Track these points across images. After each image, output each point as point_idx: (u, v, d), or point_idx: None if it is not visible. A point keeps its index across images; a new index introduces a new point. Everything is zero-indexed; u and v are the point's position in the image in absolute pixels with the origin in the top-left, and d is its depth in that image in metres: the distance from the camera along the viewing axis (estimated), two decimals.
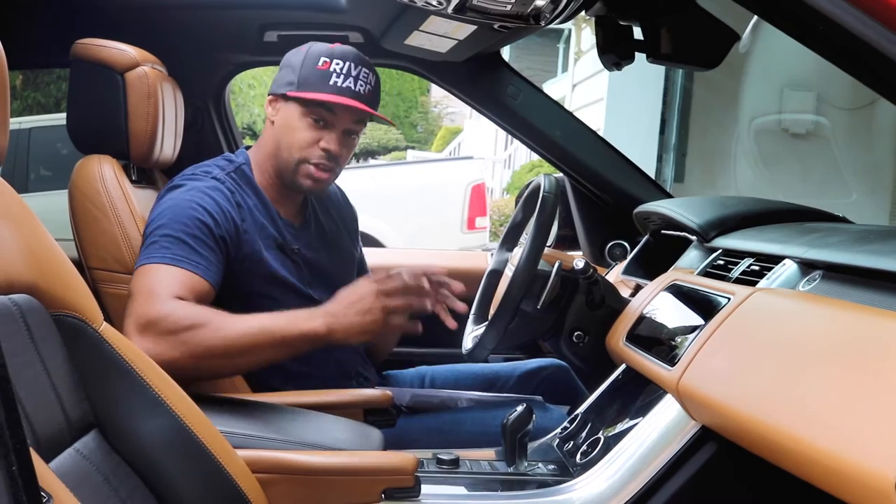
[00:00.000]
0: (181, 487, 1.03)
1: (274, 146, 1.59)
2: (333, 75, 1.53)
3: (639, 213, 1.87)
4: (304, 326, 1.34)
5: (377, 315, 1.34)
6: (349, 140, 1.59)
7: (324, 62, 1.54)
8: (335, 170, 1.60)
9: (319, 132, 1.55)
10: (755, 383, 1.01)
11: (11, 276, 0.87)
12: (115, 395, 1.00)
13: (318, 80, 1.53)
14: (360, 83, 1.55)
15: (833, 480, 0.83)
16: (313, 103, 1.54)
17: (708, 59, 1.33)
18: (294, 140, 1.56)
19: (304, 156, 1.56)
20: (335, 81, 1.53)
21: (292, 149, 1.56)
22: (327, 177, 1.58)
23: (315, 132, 1.55)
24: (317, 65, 1.54)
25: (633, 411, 1.34)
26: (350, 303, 1.35)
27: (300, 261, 1.60)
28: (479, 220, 6.46)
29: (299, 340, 1.35)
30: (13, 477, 0.55)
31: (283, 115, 1.57)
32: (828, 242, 1.19)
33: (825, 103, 5.16)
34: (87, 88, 1.64)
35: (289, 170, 1.57)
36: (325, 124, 1.55)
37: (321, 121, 1.55)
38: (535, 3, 1.45)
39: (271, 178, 1.61)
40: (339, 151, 1.57)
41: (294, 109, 1.56)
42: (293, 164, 1.57)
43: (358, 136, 1.61)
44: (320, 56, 1.55)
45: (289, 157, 1.57)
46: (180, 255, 1.41)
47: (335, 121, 1.56)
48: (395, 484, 1.21)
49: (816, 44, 1.00)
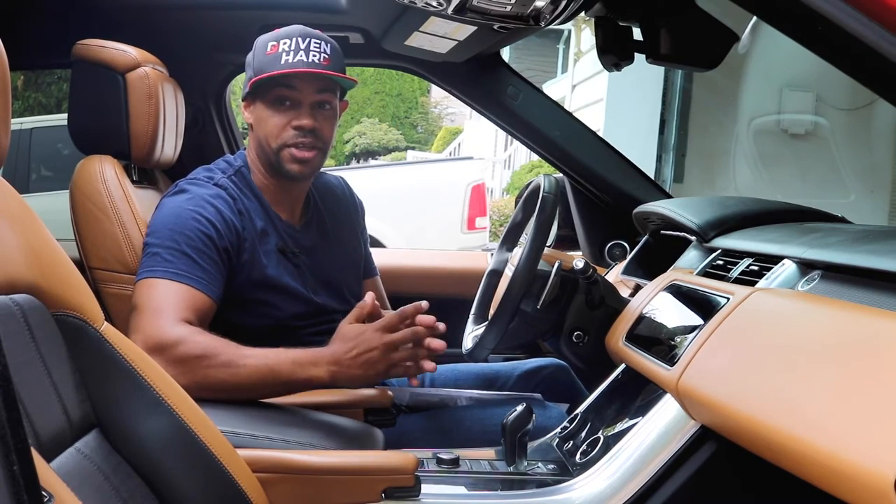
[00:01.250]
0: (182, 487, 1.03)
1: (257, 145, 1.59)
2: (283, 55, 1.52)
3: (638, 214, 1.87)
4: (309, 373, 1.34)
5: (381, 368, 1.33)
6: (322, 112, 1.56)
7: (272, 46, 1.53)
8: (317, 145, 1.56)
9: (287, 113, 1.54)
10: (754, 383, 1.02)
11: (13, 275, 0.87)
12: (117, 395, 1.00)
13: (269, 63, 1.53)
14: (312, 54, 1.53)
15: (832, 480, 0.83)
16: (270, 84, 1.53)
17: (707, 59, 1.33)
18: (268, 130, 1.55)
19: (281, 141, 1.55)
20: (286, 60, 1.52)
21: (269, 139, 1.55)
22: (311, 154, 1.56)
23: (283, 114, 1.54)
24: (266, 51, 1.54)
25: (632, 411, 1.34)
26: (357, 353, 1.33)
27: (302, 264, 1.60)
28: (479, 220, 6.46)
29: (303, 385, 1.37)
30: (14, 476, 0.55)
31: (254, 113, 1.57)
32: (827, 242, 1.20)
33: (824, 104, 5.17)
34: (89, 89, 1.64)
35: (274, 161, 1.57)
36: (291, 104, 1.54)
37: (286, 100, 1.54)
38: (534, 4, 1.46)
39: (267, 179, 1.60)
40: (311, 124, 1.54)
41: (260, 104, 1.56)
42: (275, 154, 1.56)
43: (332, 106, 1.58)
44: (267, 42, 1.54)
45: (270, 149, 1.56)
46: (183, 269, 1.42)
47: (299, 97, 1.54)
48: (395, 483, 1.21)
49: (815, 45, 1.00)
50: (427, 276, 2.29)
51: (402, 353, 1.34)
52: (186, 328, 1.37)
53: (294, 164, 1.56)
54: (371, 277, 1.81)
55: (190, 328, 1.37)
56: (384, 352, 1.33)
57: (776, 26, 1.04)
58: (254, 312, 1.53)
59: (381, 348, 1.32)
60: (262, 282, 1.53)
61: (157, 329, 1.35)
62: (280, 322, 1.55)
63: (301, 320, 1.58)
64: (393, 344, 1.33)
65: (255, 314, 1.53)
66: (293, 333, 1.57)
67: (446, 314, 1.88)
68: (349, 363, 1.33)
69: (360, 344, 1.33)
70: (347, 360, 1.33)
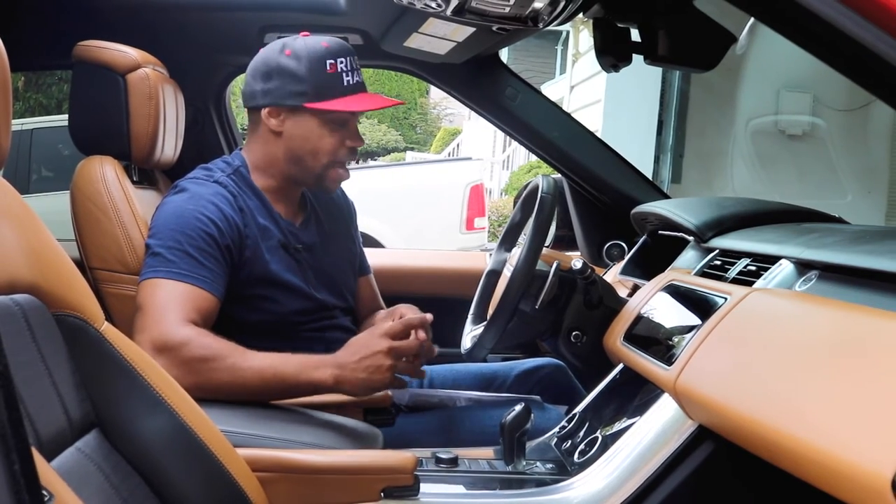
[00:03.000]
0: (182, 486, 1.03)
1: (288, 156, 1.56)
2: (344, 75, 1.52)
3: (636, 214, 1.88)
4: (312, 376, 1.35)
5: (385, 374, 1.35)
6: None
7: (331, 65, 1.52)
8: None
9: (341, 132, 1.56)
10: (752, 383, 1.02)
11: (13, 275, 0.87)
12: (117, 395, 1.00)
13: (333, 85, 1.51)
14: (359, 73, 1.56)
15: (830, 480, 0.84)
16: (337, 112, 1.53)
17: (705, 60, 1.33)
18: (320, 148, 1.55)
19: (334, 159, 1.56)
20: (347, 81, 1.53)
21: (319, 156, 1.55)
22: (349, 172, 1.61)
23: (338, 134, 1.55)
24: (325, 69, 1.51)
25: (630, 411, 1.34)
26: (361, 357, 1.35)
27: (303, 260, 1.61)
28: (477, 220, 6.46)
29: (307, 388, 1.37)
30: (15, 476, 0.55)
31: (294, 125, 1.54)
32: (824, 243, 1.20)
33: (821, 105, 5.18)
34: (89, 90, 1.64)
35: (314, 176, 1.58)
36: (342, 123, 1.56)
37: (342, 122, 1.55)
38: (533, 6, 1.46)
39: (276, 182, 1.60)
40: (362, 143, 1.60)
41: (310, 119, 1.53)
42: (320, 170, 1.57)
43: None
44: (324, 59, 1.52)
45: (316, 164, 1.56)
46: (186, 269, 1.42)
47: (352, 117, 1.56)
48: (394, 483, 1.21)
49: (812, 46, 1.00)
50: (426, 276, 2.30)
51: (405, 364, 1.37)
52: (192, 329, 1.37)
53: (337, 182, 1.60)
54: (365, 275, 1.81)
55: (196, 329, 1.38)
56: (388, 357, 1.34)
57: (773, 27, 1.04)
58: (255, 308, 1.54)
59: (385, 353, 1.34)
60: (264, 278, 1.53)
61: (162, 329, 1.36)
62: (281, 318, 1.56)
63: (302, 316, 1.58)
64: (398, 351, 1.35)
65: (257, 310, 1.54)
66: (293, 329, 1.57)
67: (445, 314, 1.89)
68: (354, 366, 1.34)
69: (365, 348, 1.35)
70: (352, 363, 1.35)
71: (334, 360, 1.36)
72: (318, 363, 1.37)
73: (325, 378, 1.35)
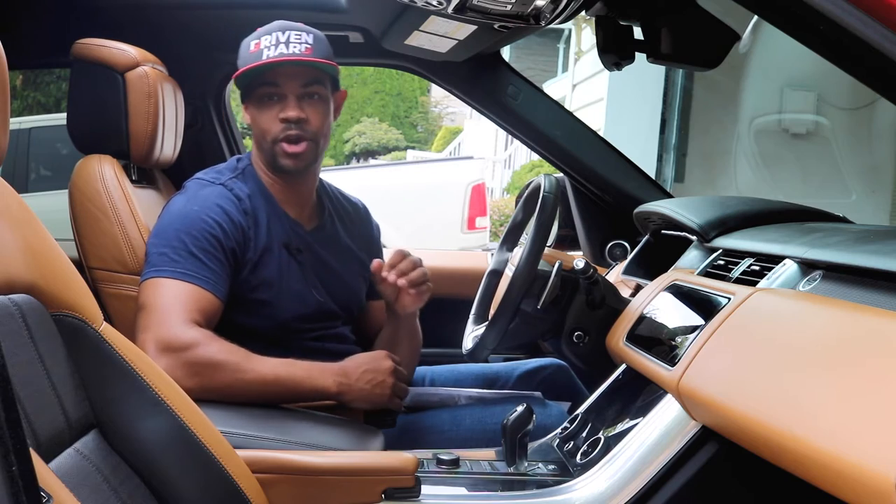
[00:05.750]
0: (181, 487, 1.03)
1: (257, 145, 1.60)
2: (265, 51, 1.52)
3: (639, 213, 1.87)
4: (316, 382, 1.40)
5: (386, 390, 1.44)
6: (311, 103, 1.55)
7: (254, 45, 1.54)
8: (305, 136, 1.54)
9: (274, 108, 1.54)
10: (755, 383, 1.01)
11: (11, 275, 0.87)
12: (116, 395, 1.00)
13: (251, 61, 1.53)
14: (292, 45, 1.52)
15: (833, 480, 0.83)
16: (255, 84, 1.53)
17: (708, 58, 1.33)
18: (261, 128, 1.55)
19: (272, 136, 1.54)
20: (266, 55, 1.52)
21: (264, 137, 1.56)
22: (301, 148, 1.54)
23: (271, 110, 1.54)
24: (249, 50, 1.54)
25: (633, 411, 1.34)
26: (365, 370, 1.43)
27: (306, 263, 1.60)
28: (479, 220, 6.46)
29: (310, 394, 1.41)
30: (13, 477, 0.55)
31: (249, 114, 1.58)
32: (828, 242, 1.19)
33: (825, 103, 5.17)
34: (88, 88, 1.64)
35: (270, 158, 1.57)
36: (277, 98, 1.54)
37: (272, 96, 1.54)
38: (535, 3, 1.45)
39: (272, 177, 1.60)
40: (297, 115, 1.53)
41: (250, 104, 1.56)
42: (270, 150, 1.56)
43: (321, 95, 1.56)
44: (250, 42, 1.55)
45: (265, 146, 1.56)
46: (191, 269, 1.42)
47: (283, 90, 1.53)
48: (395, 484, 1.22)
49: (817, 44, 1.00)
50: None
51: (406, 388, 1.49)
52: (199, 331, 1.38)
53: (287, 158, 1.55)
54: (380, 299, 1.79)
55: (203, 332, 1.38)
56: (390, 375, 1.44)
57: (777, 25, 1.03)
58: (257, 313, 1.53)
59: (388, 371, 1.44)
60: (264, 279, 1.53)
61: (168, 329, 1.36)
62: (282, 323, 1.55)
63: (303, 322, 1.58)
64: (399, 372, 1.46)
65: (258, 315, 1.53)
66: (295, 336, 1.57)
67: (446, 314, 1.89)
68: (357, 377, 1.42)
69: (369, 363, 1.44)
70: (356, 374, 1.42)
71: (339, 369, 1.42)
72: (323, 370, 1.41)
73: (329, 385, 1.39)
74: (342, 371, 1.41)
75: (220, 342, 1.38)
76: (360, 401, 1.43)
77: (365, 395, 1.42)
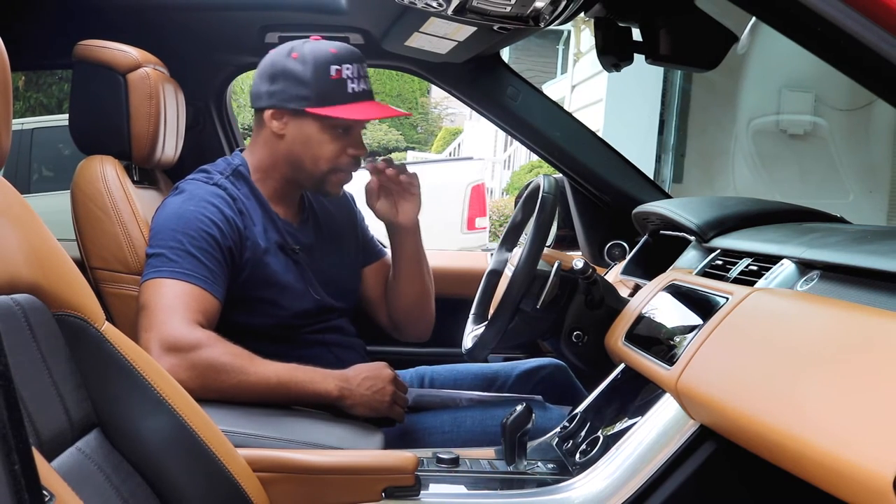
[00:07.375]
0: (183, 486, 1.03)
1: (289, 159, 1.57)
2: (349, 82, 1.52)
3: (638, 214, 1.87)
4: (318, 387, 1.41)
5: (385, 397, 1.45)
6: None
7: (336, 71, 1.51)
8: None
9: (343, 140, 1.55)
10: (753, 382, 1.02)
11: (14, 275, 0.87)
12: (117, 395, 1.00)
13: (336, 91, 1.51)
14: (366, 81, 1.56)
15: (831, 480, 0.84)
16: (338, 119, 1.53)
17: (707, 60, 1.33)
18: (321, 153, 1.55)
19: (334, 165, 1.56)
20: (352, 88, 1.52)
21: (320, 161, 1.55)
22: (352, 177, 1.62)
23: (340, 141, 1.55)
24: (330, 75, 1.51)
25: (631, 410, 1.34)
26: (365, 377, 1.45)
27: (302, 261, 1.61)
28: (478, 220, 6.47)
29: (311, 398, 1.42)
30: (15, 476, 0.55)
31: (296, 129, 1.54)
32: (825, 242, 1.20)
33: (823, 104, 5.18)
34: (90, 89, 1.64)
35: (315, 180, 1.58)
36: (345, 130, 1.55)
37: (349, 129, 1.55)
38: (534, 5, 1.46)
39: (275, 184, 1.60)
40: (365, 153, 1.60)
41: (312, 124, 1.53)
42: (322, 175, 1.57)
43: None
44: (329, 65, 1.51)
45: (316, 170, 1.56)
46: (189, 269, 1.42)
47: (355, 125, 1.56)
48: (395, 483, 1.22)
49: (814, 46, 1.00)
50: None
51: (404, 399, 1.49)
52: (204, 332, 1.38)
53: (337, 187, 1.60)
54: (379, 259, 1.81)
55: (208, 333, 1.38)
56: (391, 384, 1.45)
57: (775, 27, 1.04)
58: (257, 311, 1.54)
59: (389, 380, 1.45)
60: (264, 279, 1.53)
61: (172, 329, 1.36)
62: (283, 321, 1.56)
63: (303, 318, 1.58)
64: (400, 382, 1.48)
65: (258, 313, 1.54)
66: (296, 332, 1.57)
67: (446, 314, 1.89)
68: (359, 382, 1.43)
69: (371, 371, 1.46)
70: (357, 379, 1.43)
71: (341, 375, 1.43)
72: (325, 375, 1.42)
73: (331, 389, 1.40)
74: (343, 377, 1.43)
75: (224, 344, 1.38)
76: (361, 406, 1.43)
77: (366, 400, 1.43)
